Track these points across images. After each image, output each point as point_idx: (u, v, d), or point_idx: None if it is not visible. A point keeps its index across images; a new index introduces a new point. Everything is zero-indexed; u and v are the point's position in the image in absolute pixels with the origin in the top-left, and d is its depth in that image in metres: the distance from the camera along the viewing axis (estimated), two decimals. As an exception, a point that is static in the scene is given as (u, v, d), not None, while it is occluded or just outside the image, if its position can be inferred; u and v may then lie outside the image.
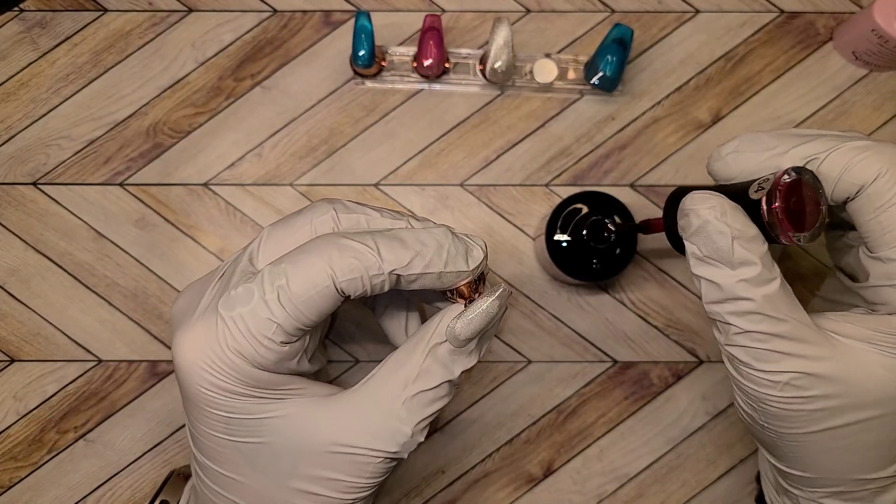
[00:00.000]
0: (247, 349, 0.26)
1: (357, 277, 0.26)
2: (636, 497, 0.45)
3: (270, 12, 0.47)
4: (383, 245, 0.27)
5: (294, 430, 0.28)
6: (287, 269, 0.26)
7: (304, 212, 0.29)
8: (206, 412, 0.28)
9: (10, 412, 0.45)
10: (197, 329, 0.27)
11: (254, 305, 0.26)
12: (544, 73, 0.45)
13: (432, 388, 0.29)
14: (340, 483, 0.29)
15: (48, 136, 0.46)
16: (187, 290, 0.30)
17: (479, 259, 0.29)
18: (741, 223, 0.27)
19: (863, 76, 0.47)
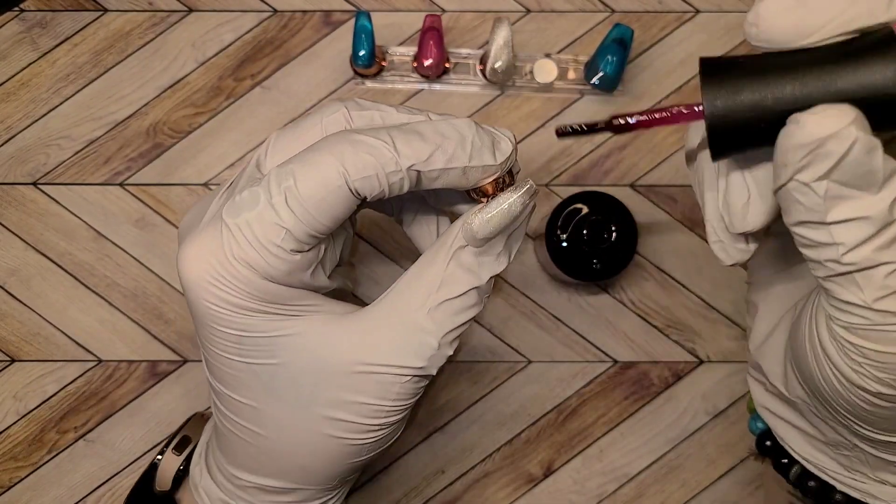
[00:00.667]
0: (254, 258, 0.24)
1: (372, 175, 0.24)
2: (636, 497, 0.45)
3: (270, 12, 0.47)
4: (400, 139, 0.24)
5: (310, 349, 0.27)
6: (295, 168, 0.24)
7: (314, 113, 0.27)
8: (215, 331, 0.26)
9: (10, 412, 0.45)
10: (201, 239, 0.25)
11: (260, 210, 0.24)
12: (544, 73, 0.45)
13: (458, 295, 0.27)
14: (365, 406, 0.27)
15: (48, 136, 0.46)
16: (196, 206, 0.29)
17: (507, 152, 0.26)
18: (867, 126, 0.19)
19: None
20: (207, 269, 0.25)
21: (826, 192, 0.20)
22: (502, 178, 0.26)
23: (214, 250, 0.25)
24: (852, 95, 0.20)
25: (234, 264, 0.25)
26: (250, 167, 0.27)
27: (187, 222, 0.28)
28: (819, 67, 0.20)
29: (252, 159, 0.27)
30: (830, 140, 0.19)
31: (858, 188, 0.20)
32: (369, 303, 0.28)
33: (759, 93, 0.20)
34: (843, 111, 0.19)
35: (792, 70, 0.20)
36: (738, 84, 0.20)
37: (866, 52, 0.19)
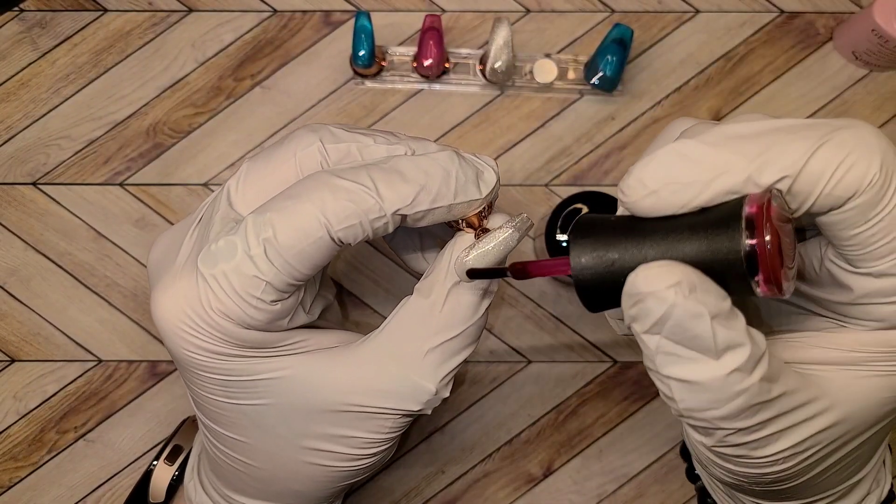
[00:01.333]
0: (233, 310, 0.24)
1: (355, 224, 0.23)
2: (636, 497, 0.45)
3: (270, 12, 0.47)
4: (382, 181, 0.23)
5: (300, 389, 0.26)
6: (273, 218, 0.23)
7: (286, 143, 0.25)
8: (198, 375, 0.26)
9: (10, 412, 0.45)
10: (177, 287, 0.24)
11: (238, 262, 0.23)
12: (544, 73, 0.45)
13: (457, 334, 0.26)
14: (357, 440, 0.27)
15: (48, 136, 0.46)
16: (163, 238, 0.28)
17: (491, 183, 0.25)
18: (715, 293, 0.20)
19: (863, 76, 0.47)
20: (184, 319, 0.24)
21: (657, 347, 0.21)
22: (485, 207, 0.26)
23: (191, 300, 0.24)
24: (694, 261, 0.21)
25: (213, 315, 0.24)
26: (222, 203, 0.25)
27: (157, 259, 0.27)
28: (674, 233, 0.21)
29: (222, 191, 0.26)
30: (649, 297, 0.20)
31: (694, 350, 0.20)
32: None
33: (617, 253, 0.22)
34: (668, 272, 0.20)
35: (650, 234, 0.21)
36: (602, 244, 0.22)
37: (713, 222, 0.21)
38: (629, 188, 0.22)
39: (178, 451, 0.41)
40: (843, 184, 0.20)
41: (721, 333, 0.20)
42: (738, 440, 0.22)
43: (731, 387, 0.21)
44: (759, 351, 0.21)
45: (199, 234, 0.25)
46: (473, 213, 0.25)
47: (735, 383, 0.21)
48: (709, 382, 0.21)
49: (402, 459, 0.45)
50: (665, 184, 0.21)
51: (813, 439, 0.23)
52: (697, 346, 0.20)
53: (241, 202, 0.25)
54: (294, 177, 0.25)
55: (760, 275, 0.20)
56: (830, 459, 0.24)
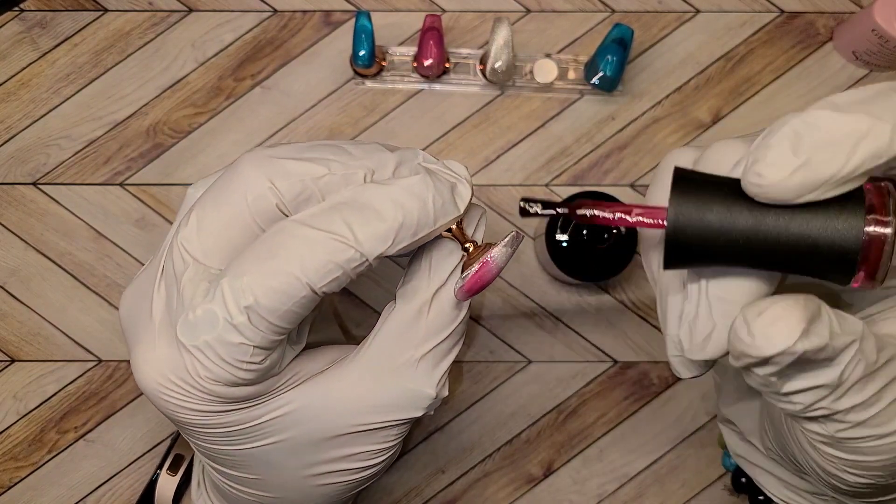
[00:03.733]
0: (223, 376, 0.23)
1: (338, 276, 0.23)
2: (636, 497, 0.45)
3: (270, 12, 0.47)
4: (358, 225, 0.22)
5: (303, 423, 0.26)
6: (252, 283, 0.22)
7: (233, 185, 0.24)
8: (197, 433, 0.26)
9: (10, 412, 0.45)
10: (157, 354, 0.24)
11: (221, 332, 0.22)
12: (544, 73, 0.45)
13: (445, 337, 0.26)
14: (365, 454, 0.27)
15: (48, 136, 0.46)
16: (130, 291, 0.27)
17: (467, 196, 0.25)
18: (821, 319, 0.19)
19: (863, 76, 0.47)
20: (170, 386, 0.24)
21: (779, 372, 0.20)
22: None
23: (176, 369, 0.23)
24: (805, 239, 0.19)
25: (202, 383, 0.23)
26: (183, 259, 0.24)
27: (128, 314, 0.26)
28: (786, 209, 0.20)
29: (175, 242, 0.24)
30: (782, 357, 0.19)
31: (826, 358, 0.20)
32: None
33: (725, 220, 0.20)
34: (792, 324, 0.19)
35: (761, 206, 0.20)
36: (706, 204, 0.20)
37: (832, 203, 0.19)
38: (767, 168, 0.19)
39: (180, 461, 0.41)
40: None
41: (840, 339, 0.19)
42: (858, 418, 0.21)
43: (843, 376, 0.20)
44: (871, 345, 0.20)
45: (168, 291, 0.24)
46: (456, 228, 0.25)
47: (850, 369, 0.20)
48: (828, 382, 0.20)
49: (402, 459, 0.45)
50: (800, 164, 0.19)
51: None
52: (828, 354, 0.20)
53: (204, 256, 0.24)
54: (251, 224, 0.24)
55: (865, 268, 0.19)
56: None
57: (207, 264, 0.24)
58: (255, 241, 0.23)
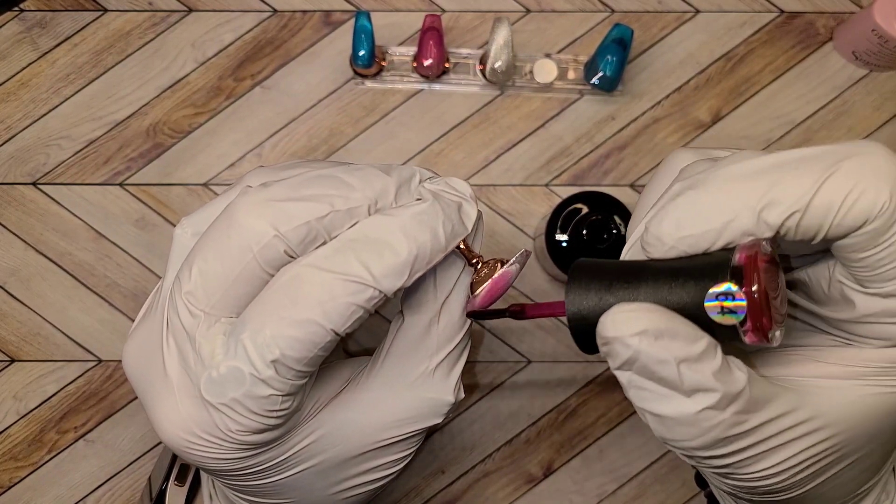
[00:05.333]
0: (254, 426, 0.23)
1: (360, 315, 0.23)
2: (636, 497, 0.45)
3: (270, 12, 0.47)
4: (374, 263, 0.22)
5: (331, 446, 0.26)
6: (275, 337, 0.22)
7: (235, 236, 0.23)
8: (227, 475, 0.26)
9: (10, 412, 0.45)
10: (183, 413, 0.24)
11: (249, 388, 0.22)
12: (544, 73, 0.45)
13: (457, 344, 0.27)
14: (387, 463, 0.28)
15: (48, 136, 0.46)
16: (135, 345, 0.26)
17: (473, 215, 0.25)
18: (684, 338, 0.21)
19: (863, 76, 0.47)
20: (200, 442, 0.24)
21: (629, 382, 0.22)
22: None
23: (203, 426, 0.23)
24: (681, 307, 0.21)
25: (235, 436, 0.24)
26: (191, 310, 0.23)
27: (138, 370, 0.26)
28: (666, 280, 0.21)
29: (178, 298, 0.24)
30: (615, 342, 0.21)
31: (664, 387, 0.21)
32: None
33: (612, 298, 0.22)
34: (635, 318, 0.21)
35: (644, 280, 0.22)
36: (596, 290, 0.22)
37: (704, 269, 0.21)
38: (649, 246, 0.22)
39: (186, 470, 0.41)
40: (852, 214, 0.20)
41: (688, 377, 0.21)
42: (720, 463, 0.23)
43: (702, 422, 0.21)
44: (734, 390, 0.21)
45: (178, 346, 0.24)
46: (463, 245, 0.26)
47: (706, 420, 0.21)
48: (680, 418, 0.21)
49: (402, 459, 0.45)
50: (680, 238, 0.22)
51: (804, 454, 0.23)
52: (667, 384, 0.21)
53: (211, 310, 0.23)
54: (260, 273, 0.23)
55: (748, 323, 0.20)
56: (829, 472, 0.24)
57: (220, 314, 0.24)
58: (265, 286, 0.23)
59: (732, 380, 0.21)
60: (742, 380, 0.21)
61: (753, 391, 0.22)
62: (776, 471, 0.23)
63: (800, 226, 0.21)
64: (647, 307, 0.21)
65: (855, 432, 0.23)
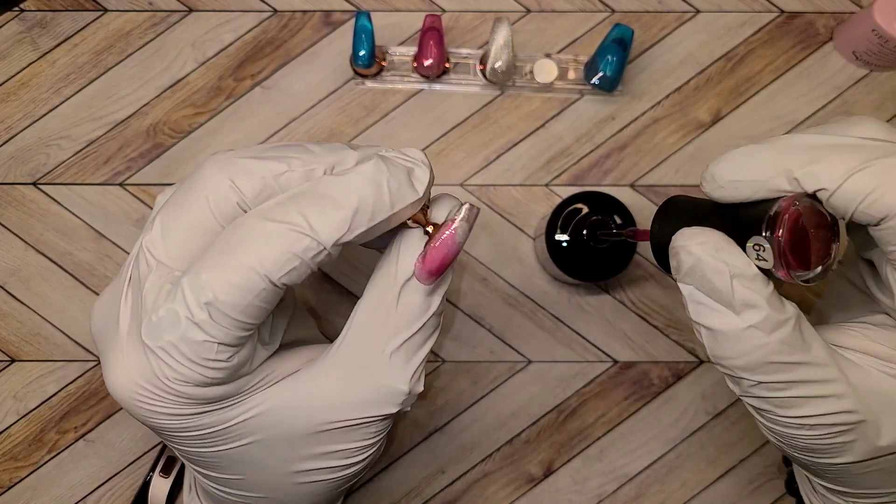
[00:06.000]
0: (191, 377, 0.23)
1: (296, 266, 0.22)
2: (636, 497, 0.45)
3: (270, 12, 0.47)
4: (314, 214, 0.22)
5: (278, 422, 0.26)
6: (210, 280, 0.22)
7: (195, 186, 0.24)
8: (173, 437, 0.26)
9: (10, 412, 0.45)
10: (126, 362, 0.24)
11: (184, 331, 0.22)
12: (544, 73, 0.45)
13: (417, 331, 0.26)
14: (345, 451, 0.27)
15: (48, 136, 0.46)
16: (100, 304, 0.26)
17: (425, 179, 0.24)
18: (740, 260, 0.24)
19: (863, 76, 0.47)
20: (142, 393, 0.24)
21: (690, 295, 0.25)
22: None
23: (145, 374, 0.23)
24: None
25: (171, 385, 0.23)
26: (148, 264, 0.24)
27: (99, 328, 0.26)
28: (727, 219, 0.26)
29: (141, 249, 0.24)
30: (682, 251, 0.25)
31: (718, 302, 0.24)
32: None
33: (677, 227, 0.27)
34: (701, 233, 0.25)
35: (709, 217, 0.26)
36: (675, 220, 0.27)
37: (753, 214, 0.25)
38: (704, 181, 0.26)
39: (173, 463, 0.41)
40: (874, 207, 0.23)
41: (740, 291, 0.24)
42: (760, 393, 0.25)
43: (748, 340, 0.24)
44: (781, 317, 0.24)
45: (133, 298, 0.24)
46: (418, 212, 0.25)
47: (752, 338, 0.24)
48: (729, 333, 0.24)
49: (402, 459, 0.45)
50: (729, 181, 0.25)
51: (840, 416, 0.24)
52: (720, 298, 0.24)
53: (168, 259, 0.24)
54: (213, 223, 0.24)
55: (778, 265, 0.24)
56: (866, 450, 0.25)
57: (173, 267, 0.24)
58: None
59: (781, 307, 0.24)
60: (790, 311, 0.24)
61: (802, 329, 0.24)
62: (809, 423, 0.25)
63: (829, 203, 0.23)
64: (712, 231, 0.25)
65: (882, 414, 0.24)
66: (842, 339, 0.26)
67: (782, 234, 0.23)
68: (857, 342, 0.26)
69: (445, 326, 0.45)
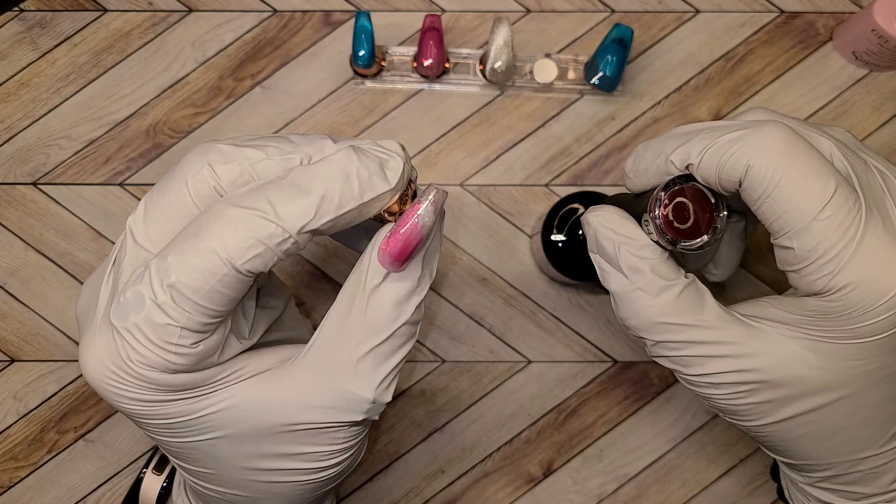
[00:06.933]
0: (154, 360, 0.23)
1: (260, 252, 0.22)
2: (636, 497, 0.45)
3: (270, 12, 0.47)
4: (280, 201, 0.22)
5: (244, 418, 0.26)
6: (174, 262, 0.22)
7: (177, 171, 0.25)
8: (143, 423, 0.26)
9: (10, 412, 0.45)
10: (97, 343, 0.24)
11: (147, 312, 0.22)
12: (544, 73, 0.45)
13: (385, 339, 0.25)
14: (312, 454, 0.27)
15: (48, 136, 0.46)
16: (86, 287, 0.27)
17: (398, 170, 0.24)
18: (630, 231, 0.27)
19: (863, 76, 0.47)
20: (110, 375, 0.24)
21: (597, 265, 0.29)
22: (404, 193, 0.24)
23: (111, 356, 0.23)
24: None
25: (136, 368, 0.23)
26: (128, 246, 0.24)
27: (81, 311, 0.26)
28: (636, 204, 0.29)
29: (126, 232, 0.25)
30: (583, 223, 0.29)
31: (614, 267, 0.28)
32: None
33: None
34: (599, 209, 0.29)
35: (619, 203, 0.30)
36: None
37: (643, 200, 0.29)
38: (625, 175, 0.30)
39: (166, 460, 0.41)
40: (727, 172, 0.25)
41: (626, 257, 0.27)
42: (662, 352, 0.28)
43: (636, 301, 0.27)
44: (666, 282, 0.26)
45: (114, 281, 0.25)
46: (393, 203, 0.24)
47: (639, 300, 0.27)
48: (621, 294, 0.28)
49: (402, 459, 0.45)
50: (633, 171, 0.29)
51: (742, 374, 0.26)
52: (613, 264, 0.28)
53: (147, 242, 0.24)
54: (191, 207, 0.24)
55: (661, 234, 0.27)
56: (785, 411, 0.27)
57: (151, 250, 0.24)
58: None
59: (670, 275, 0.27)
60: (680, 278, 0.27)
61: (697, 296, 0.27)
62: (714, 381, 0.27)
63: (698, 175, 0.26)
64: (611, 207, 0.29)
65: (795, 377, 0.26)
66: (752, 310, 0.28)
67: (659, 212, 0.27)
68: (765, 311, 0.27)
69: (446, 326, 0.45)
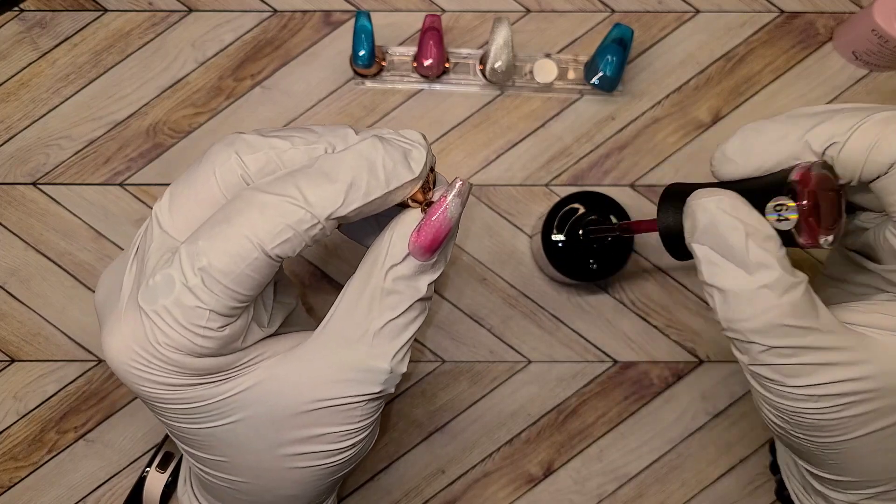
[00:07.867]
0: (182, 343, 0.23)
1: (289, 237, 0.23)
2: (636, 497, 0.45)
3: (270, 12, 0.47)
4: (308, 188, 0.23)
5: (264, 401, 0.26)
6: (205, 246, 0.23)
7: (204, 161, 0.25)
8: (163, 408, 0.26)
9: (10, 412, 0.45)
10: (123, 327, 0.24)
11: (177, 295, 0.23)
12: (544, 73, 0.45)
13: (400, 313, 0.26)
14: (332, 435, 0.27)
15: (48, 136, 0.46)
16: (105, 275, 0.27)
17: (421, 160, 0.25)
18: (755, 220, 0.24)
19: (863, 76, 0.47)
20: (135, 358, 0.24)
21: (704, 256, 0.25)
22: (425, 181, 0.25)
23: (138, 339, 0.24)
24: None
25: (163, 351, 0.24)
26: (154, 233, 0.25)
27: (102, 299, 0.26)
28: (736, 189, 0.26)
29: (151, 220, 0.25)
30: (697, 208, 0.25)
31: (731, 261, 0.24)
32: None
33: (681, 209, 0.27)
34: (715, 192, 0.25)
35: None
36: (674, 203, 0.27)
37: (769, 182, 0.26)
38: (714, 160, 0.27)
39: (170, 458, 0.41)
40: (883, 151, 0.24)
41: (754, 250, 0.24)
42: (770, 360, 0.25)
43: (760, 301, 0.24)
44: (792, 280, 0.24)
45: (138, 268, 0.25)
46: (416, 191, 0.25)
47: (764, 299, 0.24)
48: (741, 293, 0.24)
49: (402, 459, 0.45)
50: (741, 153, 0.26)
51: (848, 385, 0.24)
52: (733, 257, 0.24)
53: (173, 230, 0.25)
54: (218, 195, 0.25)
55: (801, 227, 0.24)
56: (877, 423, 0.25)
57: (177, 238, 0.25)
58: None
59: (793, 270, 0.24)
60: (801, 276, 0.24)
61: (813, 296, 0.24)
62: (817, 392, 0.25)
63: (840, 158, 0.25)
64: (728, 191, 0.25)
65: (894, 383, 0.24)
66: (850, 316, 0.26)
67: (806, 200, 0.24)
68: (864, 318, 0.26)
69: (446, 326, 0.45)
